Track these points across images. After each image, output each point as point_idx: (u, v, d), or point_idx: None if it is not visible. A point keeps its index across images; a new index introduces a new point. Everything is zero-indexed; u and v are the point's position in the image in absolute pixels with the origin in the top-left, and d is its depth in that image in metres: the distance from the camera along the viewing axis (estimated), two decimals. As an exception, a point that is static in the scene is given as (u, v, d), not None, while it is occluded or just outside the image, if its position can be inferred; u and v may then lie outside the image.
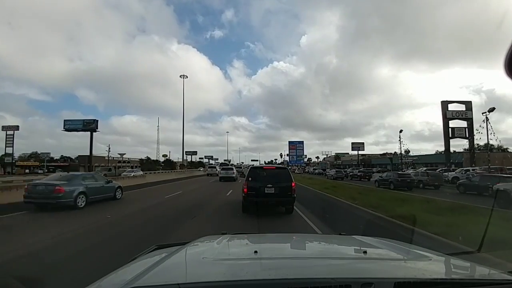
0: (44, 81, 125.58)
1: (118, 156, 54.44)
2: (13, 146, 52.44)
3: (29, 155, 67.40)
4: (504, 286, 1.07)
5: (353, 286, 0.92)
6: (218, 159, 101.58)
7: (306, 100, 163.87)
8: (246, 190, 8.24)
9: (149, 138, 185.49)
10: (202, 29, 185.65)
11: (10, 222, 7.71)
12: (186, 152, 75.12)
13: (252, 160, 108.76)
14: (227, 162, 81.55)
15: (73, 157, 70.57)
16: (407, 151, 45.28)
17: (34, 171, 54.63)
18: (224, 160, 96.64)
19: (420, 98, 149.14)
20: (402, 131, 40.28)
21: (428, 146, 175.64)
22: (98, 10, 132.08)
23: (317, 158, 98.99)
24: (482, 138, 28.48)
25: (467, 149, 41.68)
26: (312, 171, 62.12)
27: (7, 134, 51.69)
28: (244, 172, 26.55)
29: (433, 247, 1.86)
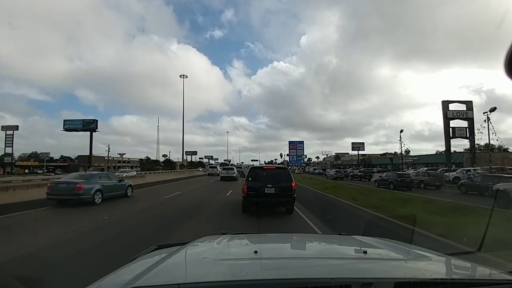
0: (44, 81, 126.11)
1: (118, 156, 54.50)
2: (12, 146, 52.67)
3: (28, 155, 67.46)
4: (504, 286, 1.07)
5: (353, 286, 0.92)
6: (218, 159, 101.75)
7: (306, 100, 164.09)
8: (246, 190, 8.22)
9: (149, 138, 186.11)
10: (202, 29, 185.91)
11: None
12: (186, 152, 75.32)
13: (252, 160, 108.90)
14: (227, 162, 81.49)
15: (73, 157, 70.74)
16: (407, 151, 45.25)
17: (34, 171, 54.79)
18: (224, 160, 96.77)
19: (420, 98, 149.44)
20: (402, 131, 40.18)
21: (428, 146, 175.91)
22: (98, 10, 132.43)
23: (317, 158, 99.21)
24: (483, 138, 28.50)
25: (468, 149, 41.64)
26: (312, 171, 62.12)
27: (7, 134, 51.86)
28: (244, 172, 26.60)
29: (433, 247, 1.86)
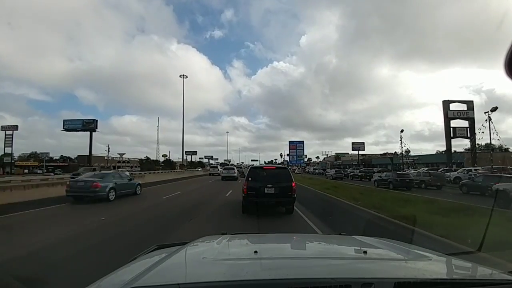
0: (43, 81, 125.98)
1: (117, 156, 54.48)
2: (12, 146, 52.61)
3: (28, 155, 67.42)
4: (504, 286, 1.07)
5: (353, 286, 0.91)
6: (218, 159, 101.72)
7: (306, 100, 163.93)
8: (246, 190, 8.20)
9: (149, 138, 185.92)
10: (202, 29, 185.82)
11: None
12: (186, 152, 75.39)
13: (252, 160, 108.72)
14: (227, 162, 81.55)
15: (72, 157, 70.64)
16: (408, 151, 45.13)
17: (33, 171, 54.69)
18: (224, 160, 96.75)
19: (420, 98, 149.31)
20: (403, 131, 40.05)
21: (428, 146, 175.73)
22: (97, 10, 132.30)
23: (317, 158, 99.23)
24: (484, 138, 28.39)
25: (468, 149, 41.59)
26: (312, 171, 62.19)
27: (6, 134, 51.80)
28: (244, 172, 26.64)
29: (433, 247, 1.86)
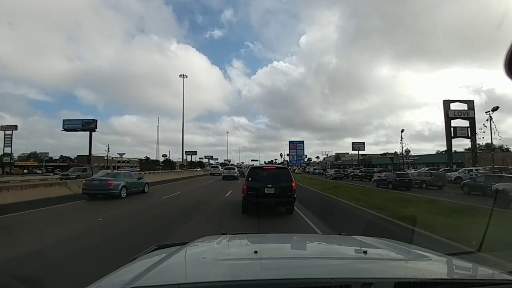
0: (43, 81, 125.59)
1: (117, 156, 54.41)
2: (11, 146, 52.55)
3: (28, 155, 67.37)
4: (504, 286, 1.07)
5: (353, 286, 0.91)
6: (218, 159, 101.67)
7: (306, 100, 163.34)
8: (246, 190, 8.20)
9: (148, 138, 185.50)
10: (202, 28, 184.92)
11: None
12: (186, 152, 75.27)
13: (252, 160, 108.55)
14: (227, 162, 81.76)
15: (72, 157, 70.50)
16: (408, 151, 45.10)
17: (33, 171, 54.61)
18: (224, 160, 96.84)
19: (420, 98, 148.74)
20: (404, 131, 40.03)
21: (428, 146, 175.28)
22: (97, 10, 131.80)
23: (317, 158, 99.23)
24: (485, 137, 28.24)
25: (468, 149, 41.55)
26: (312, 171, 62.20)
27: (6, 134, 51.71)
28: (244, 172, 26.69)
29: (433, 247, 1.86)
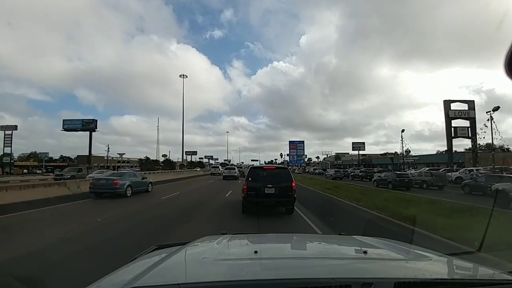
0: (43, 81, 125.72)
1: (117, 156, 54.34)
2: (11, 146, 52.55)
3: (28, 155, 67.34)
4: (504, 286, 1.07)
5: (353, 286, 0.91)
6: (218, 159, 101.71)
7: (306, 100, 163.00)
8: (246, 190, 8.19)
9: (148, 138, 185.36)
10: (202, 28, 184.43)
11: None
12: (186, 152, 75.29)
13: (252, 160, 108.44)
14: (227, 162, 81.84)
15: (72, 157, 70.42)
16: (408, 151, 45.08)
17: (33, 171, 54.56)
18: (224, 160, 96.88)
19: (420, 98, 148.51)
20: (404, 131, 40.15)
21: (428, 146, 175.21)
22: (97, 10, 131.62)
23: (317, 158, 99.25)
24: (486, 137, 28.20)
25: (469, 149, 41.48)
26: (312, 171, 62.18)
27: (6, 134, 51.69)
28: (244, 172, 26.73)
29: (433, 247, 1.86)
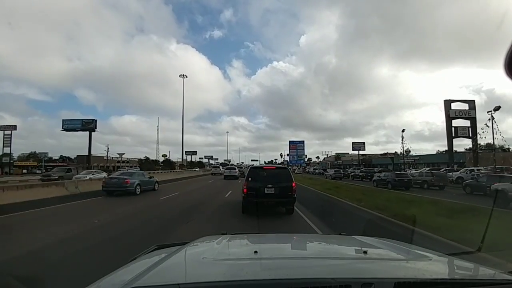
0: (43, 81, 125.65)
1: (117, 156, 54.32)
2: (11, 146, 52.34)
3: (27, 155, 67.25)
4: (504, 286, 1.07)
5: (353, 286, 0.91)
6: (218, 159, 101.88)
7: (306, 100, 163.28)
8: (246, 190, 8.18)
9: (148, 138, 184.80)
10: (201, 28, 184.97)
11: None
12: (186, 152, 75.41)
13: (252, 160, 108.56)
14: (227, 162, 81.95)
15: (72, 157, 70.37)
16: (408, 151, 45.07)
17: (32, 171, 54.46)
18: (224, 160, 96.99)
19: (420, 98, 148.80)
20: (404, 131, 40.05)
21: (428, 146, 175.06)
22: (97, 10, 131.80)
23: (317, 158, 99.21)
24: (486, 137, 28.08)
25: (469, 148, 41.43)
26: (312, 171, 62.15)
27: (5, 134, 51.47)
28: (244, 171, 26.77)
29: (433, 247, 1.86)
